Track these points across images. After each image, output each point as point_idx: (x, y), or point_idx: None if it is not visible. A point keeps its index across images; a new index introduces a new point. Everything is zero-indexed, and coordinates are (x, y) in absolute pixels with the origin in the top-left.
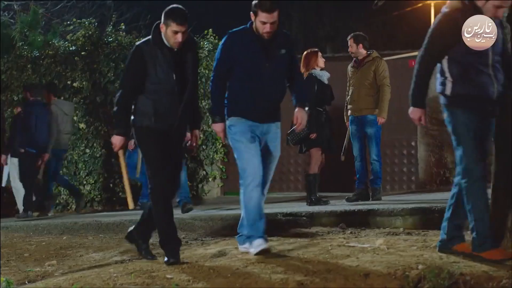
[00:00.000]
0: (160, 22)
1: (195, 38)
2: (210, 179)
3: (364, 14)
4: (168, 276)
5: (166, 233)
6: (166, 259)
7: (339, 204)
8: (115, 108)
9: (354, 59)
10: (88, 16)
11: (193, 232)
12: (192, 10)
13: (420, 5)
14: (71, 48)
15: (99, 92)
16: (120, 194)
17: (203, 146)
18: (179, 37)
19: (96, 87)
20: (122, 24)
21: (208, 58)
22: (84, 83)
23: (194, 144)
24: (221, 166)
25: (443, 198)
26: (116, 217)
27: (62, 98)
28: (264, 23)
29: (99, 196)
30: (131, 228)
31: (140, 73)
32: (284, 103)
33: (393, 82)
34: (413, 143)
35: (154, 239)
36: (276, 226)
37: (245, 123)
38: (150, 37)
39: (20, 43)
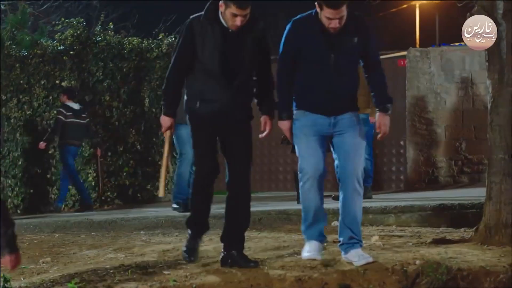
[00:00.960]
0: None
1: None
2: None
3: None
4: (165, 272)
5: (196, 223)
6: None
7: (330, 202)
8: (163, 87)
9: None
10: (74, 16)
11: (186, 229)
12: (181, 8)
13: (405, 6)
14: (59, 48)
15: (88, 92)
16: (108, 193)
17: None
18: (238, 21)
19: (85, 87)
20: (111, 23)
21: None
22: (72, 82)
23: (266, 132)
24: None
25: (433, 196)
26: (108, 216)
27: (50, 97)
28: (330, 19)
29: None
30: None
31: (187, 49)
32: None
33: None
34: (401, 142)
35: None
36: (269, 224)
37: (309, 117)
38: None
39: (8, 43)
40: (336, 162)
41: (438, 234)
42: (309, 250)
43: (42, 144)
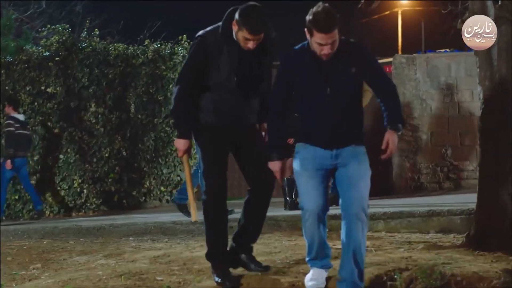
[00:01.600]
0: (233, 15)
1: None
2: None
3: None
4: (158, 278)
5: (213, 244)
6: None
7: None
8: (173, 106)
9: None
10: (58, 22)
11: (175, 236)
12: (166, 15)
13: (387, 12)
14: (45, 54)
15: (73, 98)
16: (94, 200)
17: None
18: (250, 45)
19: (70, 93)
20: (96, 29)
21: (183, 64)
22: (58, 88)
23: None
24: None
25: (421, 202)
26: (96, 222)
27: (36, 103)
28: (321, 44)
29: (73, 202)
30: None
31: (201, 67)
32: None
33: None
34: None
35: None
36: None
37: (309, 149)
38: (217, 26)
39: None
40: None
41: (428, 240)
42: (312, 279)
43: (8, 164)
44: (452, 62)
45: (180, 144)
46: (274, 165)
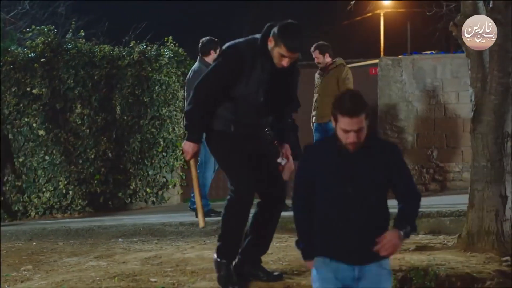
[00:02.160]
0: (270, 31)
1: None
2: (170, 186)
3: (316, 23)
4: (152, 279)
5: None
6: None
7: None
8: (189, 108)
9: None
10: (41, 23)
11: (165, 237)
12: (152, 16)
13: (370, 14)
14: (30, 55)
15: (59, 99)
16: (80, 201)
17: (163, 153)
18: (285, 62)
19: (56, 94)
20: (82, 31)
21: (169, 65)
22: (43, 89)
23: (286, 162)
24: (181, 173)
25: None
26: (85, 223)
27: (21, 105)
28: (346, 131)
29: (58, 204)
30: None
31: (232, 76)
32: None
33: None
34: None
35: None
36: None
37: (329, 267)
38: (251, 38)
39: None
40: None
41: (419, 241)
42: None
43: None
44: (438, 64)
45: (190, 147)
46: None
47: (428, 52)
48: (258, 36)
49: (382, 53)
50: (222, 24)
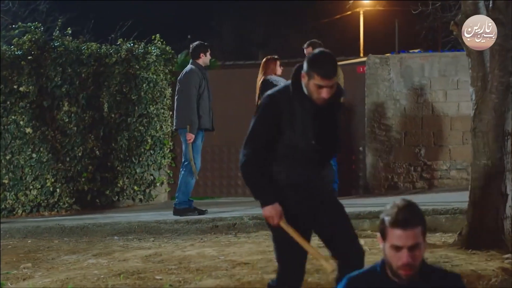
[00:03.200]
0: (300, 69)
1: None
2: (157, 184)
3: (296, 22)
4: (157, 277)
5: None
6: None
7: None
8: (246, 177)
9: None
10: (21, 21)
11: (160, 235)
12: (139, 14)
13: (349, 13)
14: (17, 52)
15: (46, 97)
16: (67, 199)
17: (151, 151)
18: (324, 93)
19: (43, 92)
20: (69, 28)
21: (156, 63)
22: (30, 87)
23: None
24: (168, 171)
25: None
26: (79, 221)
27: (8, 102)
28: (398, 248)
29: (45, 201)
30: None
31: (273, 127)
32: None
33: None
34: (360, 148)
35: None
36: (244, 229)
37: None
38: (285, 85)
39: None
40: None
41: None
42: None
43: None
44: (426, 62)
45: (268, 211)
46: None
47: (416, 50)
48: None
49: (361, 52)
50: (203, 21)
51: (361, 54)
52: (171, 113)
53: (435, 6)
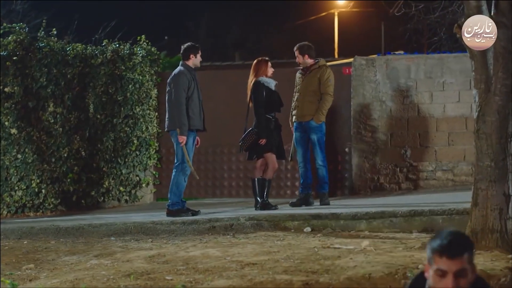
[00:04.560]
0: None
1: None
2: (143, 185)
3: (272, 22)
4: (167, 277)
5: None
6: None
7: (303, 208)
8: None
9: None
10: None
11: (157, 235)
12: (124, 16)
13: (324, 14)
14: (2, 53)
15: (31, 97)
16: (52, 200)
17: (137, 152)
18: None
19: (28, 92)
20: (54, 29)
21: (142, 64)
22: (16, 88)
23: None
24: (154, 172)
25: (401, 202)
26: (74, 222)
27: None
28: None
29: (30, 202)
30: None
31: None
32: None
33: None
34: (346, 149)
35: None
36: (241, 230)
37: None
38: None
39: None
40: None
41: (420, 239)
42: None
43: None
44: (412, 64)
45: None
46: None
47: (402, 52)
48: None
49: (336, 53)
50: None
51: (336, 56)
52: (157, 114)
53: (417, 8)
